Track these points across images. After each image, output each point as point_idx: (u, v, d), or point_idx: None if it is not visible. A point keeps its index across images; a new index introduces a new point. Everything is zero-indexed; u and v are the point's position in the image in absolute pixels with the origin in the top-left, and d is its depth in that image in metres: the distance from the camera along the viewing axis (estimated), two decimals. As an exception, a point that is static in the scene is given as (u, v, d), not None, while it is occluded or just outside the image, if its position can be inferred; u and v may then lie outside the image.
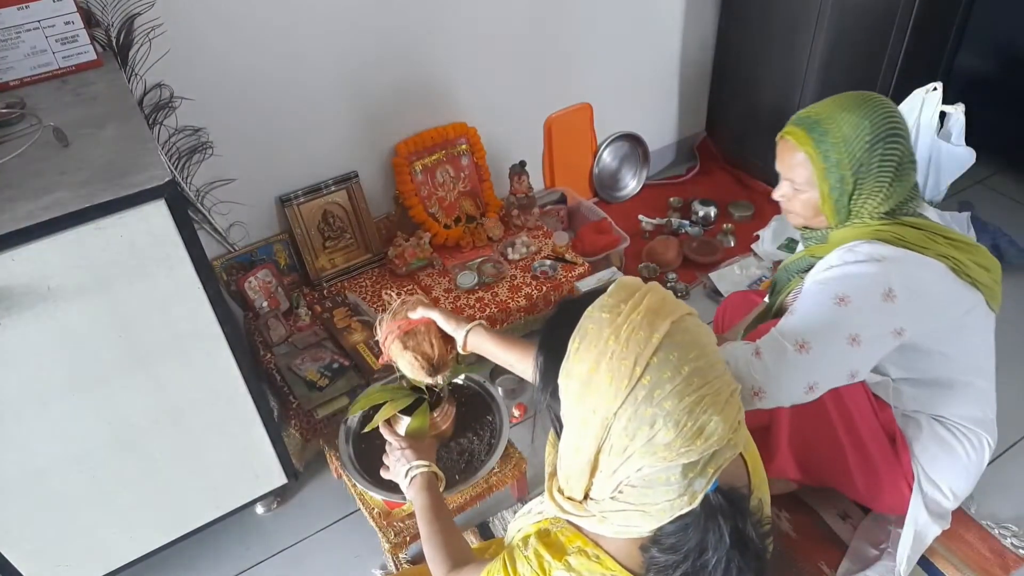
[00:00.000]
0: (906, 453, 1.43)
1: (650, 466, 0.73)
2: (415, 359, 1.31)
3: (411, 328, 1.31)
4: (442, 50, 2.11)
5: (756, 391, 1.23)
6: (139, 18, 1.62)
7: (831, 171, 1.26)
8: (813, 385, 1.23)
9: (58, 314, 1.16)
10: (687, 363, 0.73)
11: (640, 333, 0.74)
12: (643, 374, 0.72)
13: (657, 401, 0.71)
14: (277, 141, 1.96)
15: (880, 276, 1.22)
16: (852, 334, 1.21)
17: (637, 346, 0.73)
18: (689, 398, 0.72)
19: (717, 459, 0.74)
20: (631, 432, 0.72)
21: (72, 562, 1.44)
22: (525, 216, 2.32)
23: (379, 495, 1.49)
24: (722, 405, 0.73)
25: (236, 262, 2.02)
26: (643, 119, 2.70)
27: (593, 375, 0.74)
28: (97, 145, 1.23)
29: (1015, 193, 2.63)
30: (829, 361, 1.22)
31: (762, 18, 2.43)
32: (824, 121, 1.26)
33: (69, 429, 1.28)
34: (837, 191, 1.27)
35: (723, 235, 2.52)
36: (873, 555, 1.54)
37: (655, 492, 0.75)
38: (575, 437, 0.77)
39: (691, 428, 0.71)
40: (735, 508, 0.77)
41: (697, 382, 0.72)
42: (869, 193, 1.27)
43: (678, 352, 0.73)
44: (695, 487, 0.74)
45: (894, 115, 1.26)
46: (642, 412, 0.72)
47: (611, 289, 0.80)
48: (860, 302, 1.21)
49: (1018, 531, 1.61)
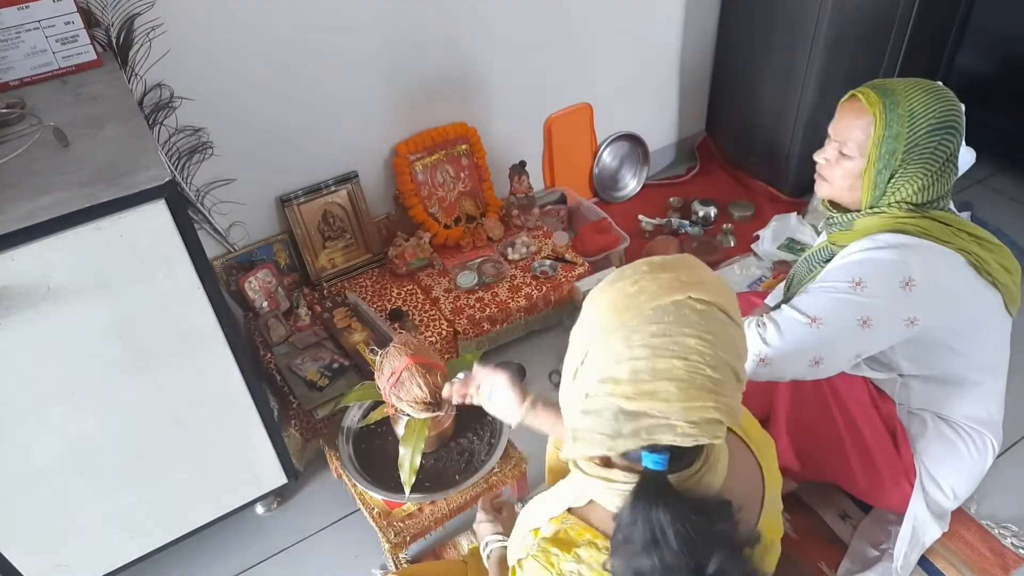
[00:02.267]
0: (907, 449, 1.43)
1: (596, 393, 0.74)
2: (413, 406, 1.39)
3: (397, 380, 1.38)
4: (442, 50, 2.11)
5: (763, 358, 1.24)
6: (139, 18, 1.62)
7: (888, 140, 1.25)
8: (819, 360, 1.24)
9: (58, 314, 1.16)
10: (680, 330, 0.72)
11: (674, 284, 0.74)
12: (645, 311, 0.73)
13: (635, 327, 0.72)
14: (277, 141, 1.97)
15: (900, 264, 1.22)
16: (864, 317, 1.22)
17: (660, 288, 0.73)
18: (661, 360, 0.71)
19: (652, 432, 0.73)
20: (603, 330, 0.74)
21: (72, 562, 1.44)
22: (525, 216, 2.32)
23: (379, 495, 1.50)
24: (686, 391, 0.72)
25: (236, 262, 2.02)
26: (643, 119, 2.70)
27: (610, 292, 0.76)
28: (97, 145, 1.23)
29: (1015, 193, 2.63)
30: (838, 339, 1.23)
31: (762, 18, 2.43)
32: (899, 92, 1.25)
33: (69, 429, 1.28)
34: (883, 163, 1.26)
35: (723, 235, 2.52)
36: (873, 556, 1.54)
37: (592, 419, 0.76)
38: (575, 352, 0.78)
39: (645, 384, 0.72)
40: (685, 509, 0.73)
41: (673, 348, 0.72)
42: (911, 177, 1.26)
43: (680, 321, 0.72)
44: (620, 440, 0.74)
45: (960, 112, 1.26)
46: (617, 340, 0.73)
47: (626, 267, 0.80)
48: (877, 287, 1.22)
49: (1018, 531, 1.61)
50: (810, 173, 2.81)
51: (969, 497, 1.64)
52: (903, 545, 1.45)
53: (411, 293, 2.11)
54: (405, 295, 2.11)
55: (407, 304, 2.07)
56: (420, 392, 1.41)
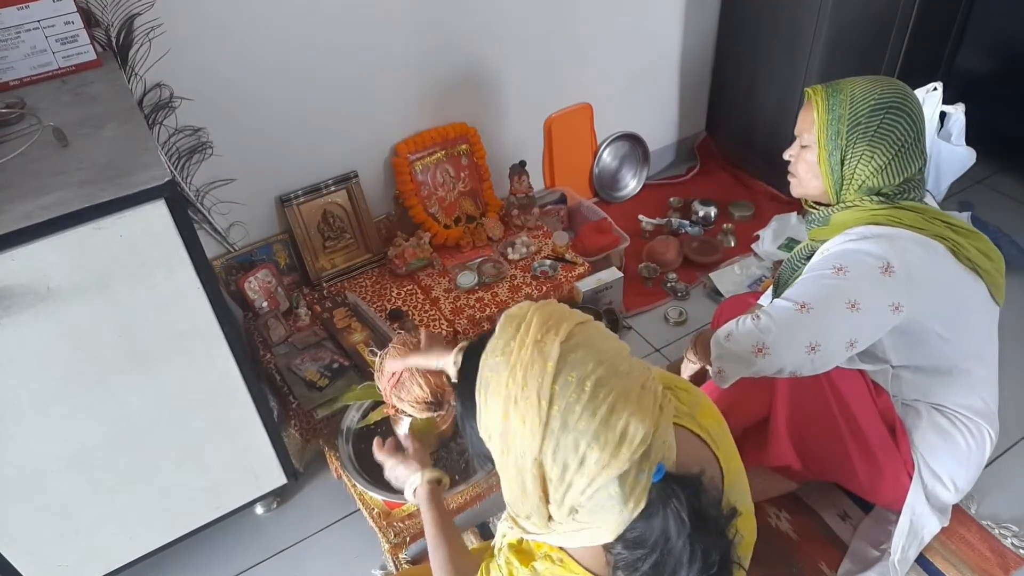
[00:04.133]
0: (905, 442, 1.43)
1: (590, 486, 0.72)
2: (414, 406, 1.39)
3: (398, 381, 1.37)
4: (442, 49, 2.11)
5: (760, 347, 1.25)
6: (139, 18, 1.62)
7: (832, 124, 1.32)
8: (815, 345, 1.24)
9: (58, 314, 1.16)
10: (588, 378, 0.73)
11: (534, 367, 0.74)
12: (550, 406, 0.72)
13: (572, 425, 0.72)
14: (277, 141, 1.96)
15: (877, 251, 1.25)
16: (851, 300, 1.24)
17: (535, 380, 0.73)
18: (601, 410, 0.71)
19: (649, 455, 0.73)
20: (561, 462, 0.73)
21: (72, 562, 1.44)
22: (525, 216, 2.32)
23: (379, 495, 1.50)
24: (635, 402, 0.73)
25: (236, 262, 2.02)
26: (643, 119, 2.70)
27: (507, 423, 0.75)
28: (97, 145, 1.23)
29: (1015, 193, 2.63)
30: (830, 322, 1.25)
31: (763, 17, 2.43)
32: (843, 83, 1.36)
33: (69, 429, 1.28)
34: (832, 144, 1.33)
35: (723, 235, 2.52)
36: (874, 556, 1.54)
37: (604, 509, 0.74)
38: (517, 484, 0.77)
39: (613, 438, 0.71)
40: (689, 489, 0.75)
41: (603, 392, 0.72)
42: (861, 157, 1.31)
43: (576, 370, 0.73)
44: (637, 491, 0.73)
45: (908, 96, 1.31)
46: (564, 441, 0.72)
47: (498, 327, 0.80)
48: (858, 273, 1.25)
49: (1018, 531, 1.61)
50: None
51: (969, 497, 1.64)
52: (900, 539, 1.45)
53: (411, 293, 2.11)
54: (405, 295, 2.11)
55: (407, 304, 2.07)
56: (421, 392, 1.40)
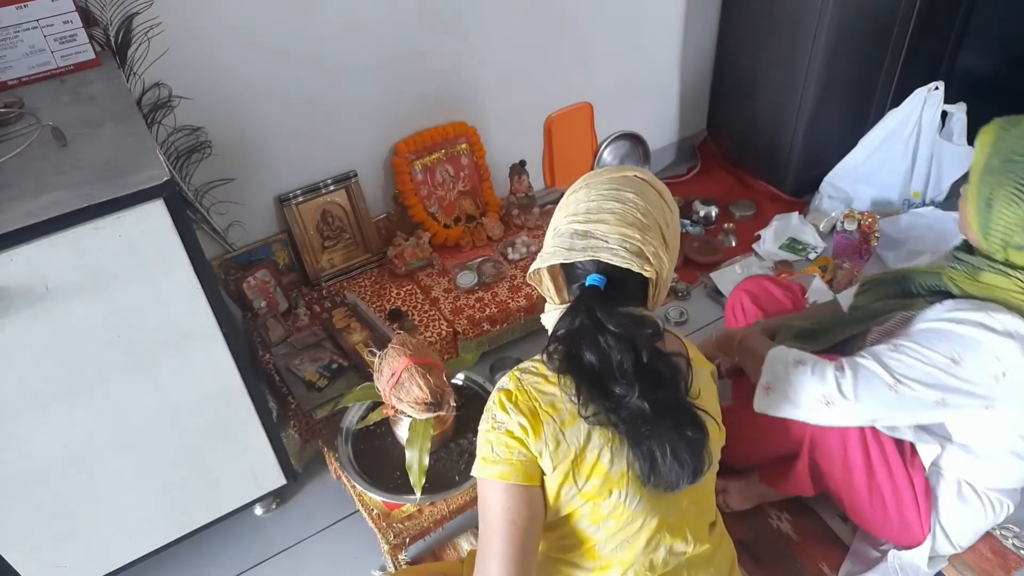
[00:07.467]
0: (927, 505, 1.40)
1: (561, 223, 1.03)
2: (414, 406, 1.38)
3: (398, 381, 1.37)
4: (442, 49, 2.10)
5: (829, 401, 1.22)
6: (138, 17, 1.62)
7: (991, 157, 1.19)
8: (876, 420, 1.22)
9: (56, 314, 1.16)
10: (623, 189, 1.02)
11: (626, 171, 1.06)
12: (604, 178, 1.05)
13: (593, 185, 1.04)
14: (276, 140, 1.96)
15: (1008, 356, 1.17)
16: (944, 397, 1.19)
17: (615, 170, 1.06)
18: (606, 202, 1.01)
19: (596, 249, 0.98)
20: (573, 191, 1.07)
21: (72, 562, 1.44)
22: (525, 216, 2.31)
23: (378, 496, 1.49)
24: (620, 222, 0.98)
25: (235, 262, 2.02)
26: (643, 118, 2.70)
27: (582, 178, 1.09)
28: (95, 145, 1.23)
29: (1016, 193, 2.62)
30: (911, 409, 1.21)
31: (763, 17, 2.43)
32: (1022, 117, 1.20)
33: (68, 429, 1.28)
34: (981, 182, 1.20)
35: (724, 235, 2.51)
36: (874, 556, 1.54)
37: (557, 239, 1.02)
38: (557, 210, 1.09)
39: (594, 215, 1.00)
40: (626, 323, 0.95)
41: (616, 195, 1.01)
42: (1005, 201, 1.17)
43: (624, 184, 1.03)
44: (574, 252, 0.99)
45: None
46: (581, 190, 1.05)
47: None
48: (970, 372, 1.18)
49: (1019, 532, 1.60)
50: (811, 173, 2.81)
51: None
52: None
53: (410, 293, 2.11)
54: (404, 295, 2.10)
55: (406, 304, 2.07)
56: (420, 392, 1.40)
